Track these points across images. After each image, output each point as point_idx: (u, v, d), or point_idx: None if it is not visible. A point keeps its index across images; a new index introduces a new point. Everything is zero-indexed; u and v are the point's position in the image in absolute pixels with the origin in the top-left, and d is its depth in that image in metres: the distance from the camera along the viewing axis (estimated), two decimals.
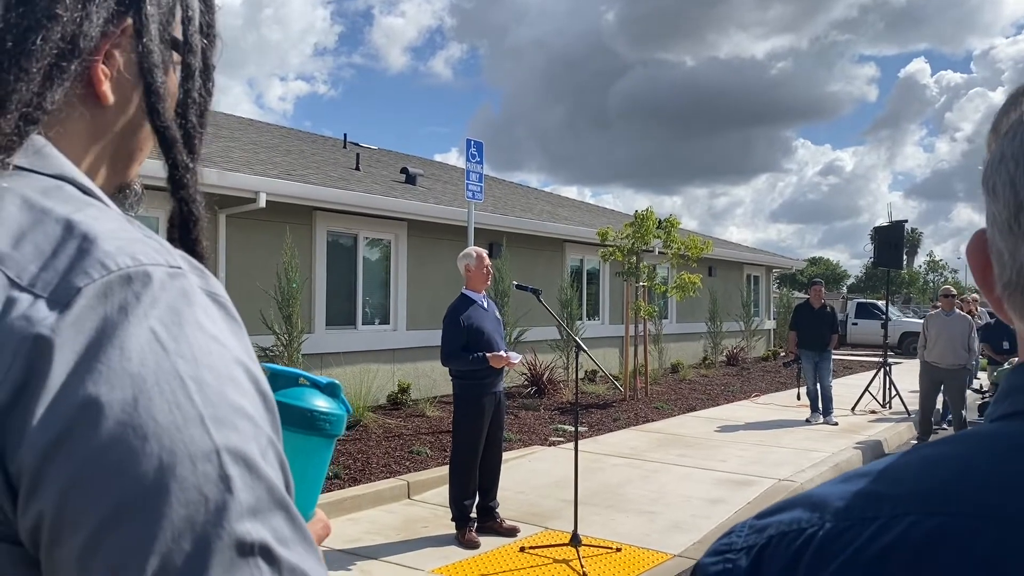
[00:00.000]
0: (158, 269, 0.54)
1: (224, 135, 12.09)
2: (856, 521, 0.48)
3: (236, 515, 0.49)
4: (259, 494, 0.51)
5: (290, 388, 1.02)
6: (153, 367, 0.50)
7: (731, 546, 0.54)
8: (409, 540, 5.27)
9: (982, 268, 0.57)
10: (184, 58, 0.71)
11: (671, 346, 15.91)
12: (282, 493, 0.53)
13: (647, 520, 5.73)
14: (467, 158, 9.05)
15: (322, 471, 1.04)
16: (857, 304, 27.62)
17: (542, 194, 20.96)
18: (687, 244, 12.11)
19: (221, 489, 0.49)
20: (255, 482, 0.51)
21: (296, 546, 0.52)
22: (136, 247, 0.55)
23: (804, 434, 9.27)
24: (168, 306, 0.53)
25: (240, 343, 0.57)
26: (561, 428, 8.91)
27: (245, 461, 0.51)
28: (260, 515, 0.51)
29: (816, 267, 63.96)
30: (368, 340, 10.34)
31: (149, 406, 0.49)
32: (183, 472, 0.48)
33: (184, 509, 0.48)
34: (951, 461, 0.50)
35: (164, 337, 0.52)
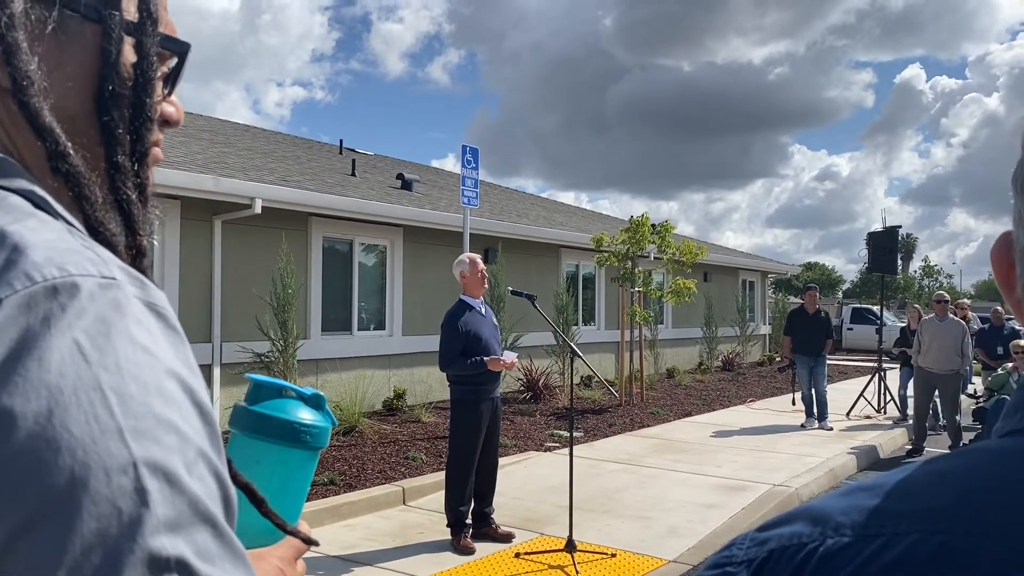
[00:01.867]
0: (88, 280, 0.53)
1: (220, 141, 12.10)
2: (859, 537, 0.48)
3: (151, 529, 0.48)
4: (180, 508, 0.49)
5: (274, 400, 1.01)
6: (72, 379, 0.49)
7: (731, 559, 0.53)
8: (405, 546, 5.27)
9: (1006, 269, 0.56)
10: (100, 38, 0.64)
11: (667, 351, 15.93)
12: (207, 507, 0.51)
13: (643, 526, 5.74)
14: (462, 164, 9.06)
15: (306, 482, 1.03)
16: (852, 309, 27.69)
17: (538, 200, 20.98)
18: (682, 250, 12.13)
19: (136, 503, 0.48)
20: (176, 496, 0.49)
21: (223, 562, 0.51)
22: (68, 258, 0.53)
23: (799, 439, 9.29)
24: (96, 317, 0.52)
25: (177, 354, 0.55)
26: (557, 433, 8.92)
27: (166, 474, 0.49)
28: (180, 530, 0.49)
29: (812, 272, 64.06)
30: (364, 346, 10.34)
31: (64, 418, 0.48)
32: (96, 485, 0.47)
33: (96, 523, 0.46)
34: (957, 478, 0.49)
35: (88, 348, 0.50)
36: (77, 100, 0.65)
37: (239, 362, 8.51)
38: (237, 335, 8.75)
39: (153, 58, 0.67)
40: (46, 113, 0.61)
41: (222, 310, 8.68)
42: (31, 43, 0.61)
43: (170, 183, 7.75)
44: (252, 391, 1.02)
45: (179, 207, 8.33)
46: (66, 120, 0.63)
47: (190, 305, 8.44)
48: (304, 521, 1.00)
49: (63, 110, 0.63)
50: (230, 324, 8.75)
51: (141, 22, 0.67)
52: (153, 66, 0.67)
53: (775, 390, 13.82)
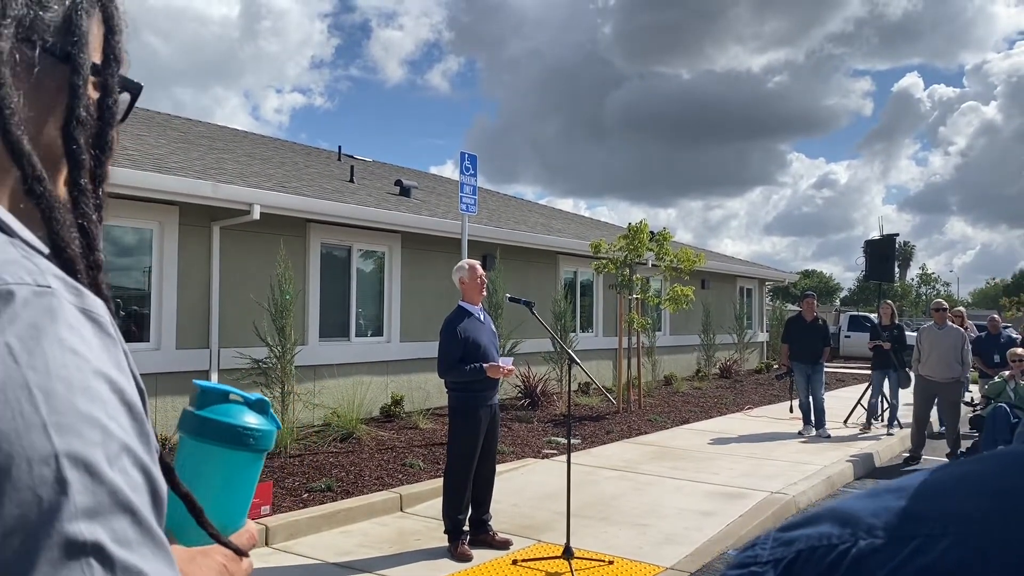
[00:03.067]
0: (23, 288, 0.57)
1: (218, 147, 12.11)
2: (891, 539, 0.47)
3: (68, 516, 0.51)
4: (100, 498, 0.53)
5: (219, 404, 1.05)
6: (1, 378, 0.53)
7: (756, 559, 0.52)
8: (402, 553, 5.26)
9: None
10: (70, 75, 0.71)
11: (664, 358, 15.93)
12: (127, 497, 0.55)
13: (640, 532, 5.73)
14: (461, 171, 9.08)
15: (251, 484, 1.08)
16: (850, 317, 27.74)
17: (536, 206, 21.01)
18: (680, 257, 12.15)
19: (56, 491, 0.51)
20: (96, 486, 0.53)
21: (141, 548, 0.54)
22: (5, 268, 0.58)
23: (797, 447, 9.29)
24: (28, 322, 0.55)
25: (109, 357, 0.59)
26: (554, 440, 8.91)
27: (86, 466, 0.53)
28: (99, 517, 0.52)
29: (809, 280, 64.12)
30: (361, 352, 10.33)
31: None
32: (18, 474, 0.51)
33: (17, 508, 0.50)
34: (989, 482, 0.49)
35: (18, 350, 0.54)
36: (48, 130, 0.71)
37: (237, 368, 8.50)
38: (235, 341, 8.75)
39: (115, 94, 0.75)
40: (25, 142, 0.67)
41: (220, 316, 8.68)
42: (15, 79, 0.67)
43: (168, 189, 7.76)
44: (199, 396, 1.08)
45: (177, 213, 8.34)
46: (39, 148, 0.69)
47: (188, 311, 8.44)
48: (250, 521, 1.03)
49: (37, 139, 0.69)
50: (228, 330, 8.75)
51: (105, 62, 0.75)
52: (116, 101, 0.75)
53: (773, 397, 13.82)
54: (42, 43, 0.69)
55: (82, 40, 0.71)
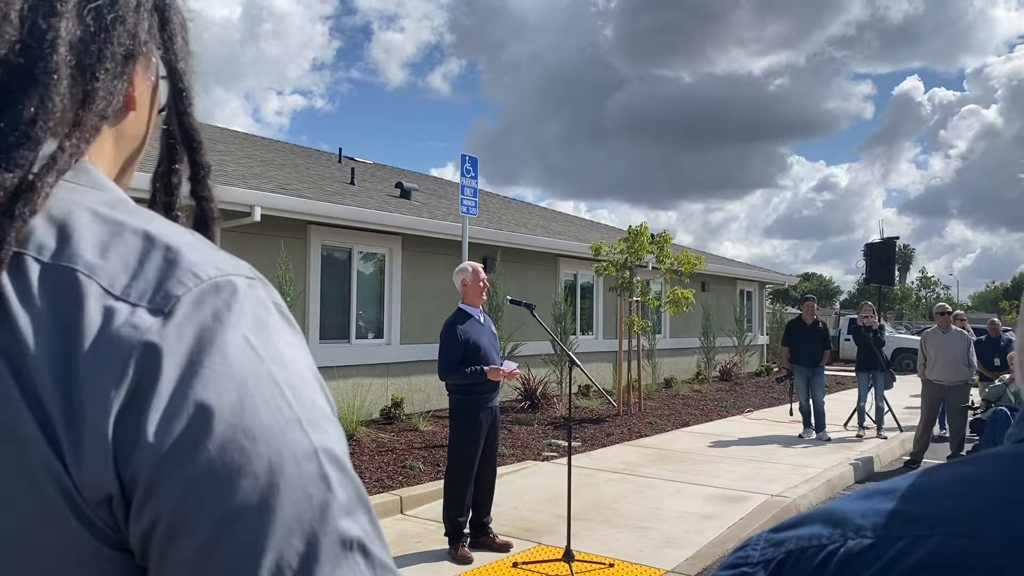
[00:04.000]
0: (239, 279, 0.57)
1: (219, 149, 12.12)
2: (880, 539, 0.48)
3: (337, 512, 0.52)
4: (351, 493, 0.53)
5: None
6: (252, 372, 0.52)
7: (747, 559, 0.53)
8: (402, 556, 5.25)
9: None
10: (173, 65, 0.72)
11: (664, 361, 15.93)
12: (364, 492, 0.55)
13: (640, 535, 5.73)
14: (462, 173, 9.08)
15: None
16: (850, 320, 27.70)
17: (536, 209, 21.02)
18: (680, 259, 12.15)
19: (323, 488, 0.52)
20: (347, 481, 0.53)
21: (380, 546, 0.54)
22: (215, 258, 0.58)
23: (797, 450, 9.29)
24: (253, 314, 0.55)
25: (306, 351, 0.59)
26: (554, 443, 8.91)
27: (337, 461, 0.53)
28: (353, 513, 0.53)
29: (809, 283, 64.13)
30: (362, 354, 10.33)
31: (255, 409, 0.51)
32: (290, 472, 0.50)
33: (294, 507, 0.50)
34: (977, 483, 0.49)
35: (256, 344, 0.54)
36: None
37: None
38: None
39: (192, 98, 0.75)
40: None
41: None
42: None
43: None
44: None
45: None
46: None
47: None
48: None
49: None
50: None
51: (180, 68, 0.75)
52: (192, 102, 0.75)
53: (773, 400, 13.82)
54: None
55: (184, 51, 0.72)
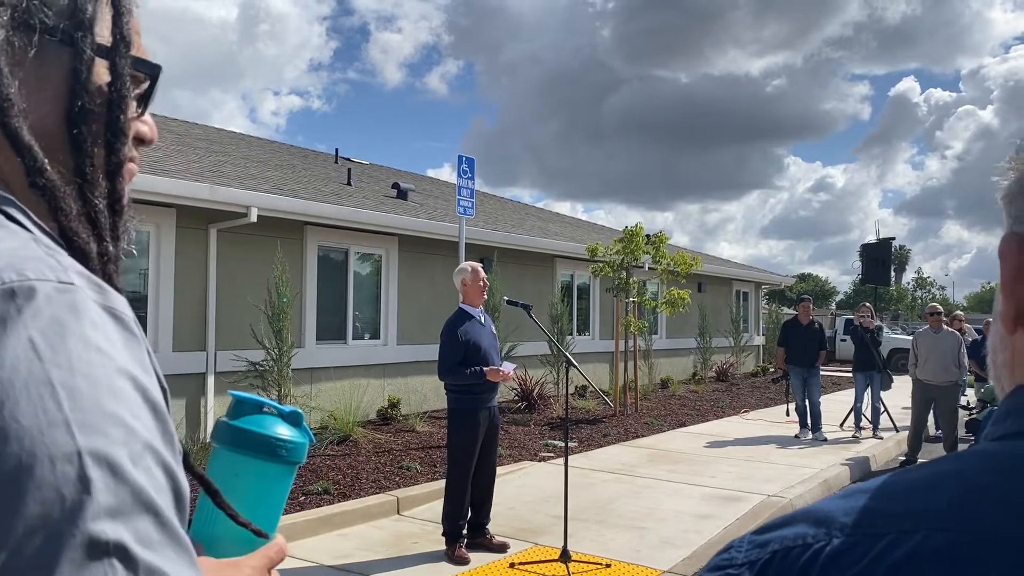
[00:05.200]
0: (45, 284, 0.56)
1: (215, 150, 12.11)
2: (865, 536, 0.48)
3: (92, 515, 0.50)
4: (122, 497, 0.52)
5: (254, 415, 1.06)
6: (24, 374, 0.52)
7: (731, 561, 0.53)
8: (399, 556, 5.26)
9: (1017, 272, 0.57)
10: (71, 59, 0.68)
11: (661, 361, 15.95)
12: (151, 497, 0.54)
13: (637, 536, 5.74)
14: (458, 174, 9.09)
15: (282, 496, 1.08)
16: (846, 321, 27.76)
17: (533, 209, 21.03)
18: (676, 260, 12.17)
19: (79, 489, 0.51)
20: (118, 485, 0.52)
21: (163, 549, 0.53)
22: (27, 264, 0.57)
23: (793, 450, 9.31)
24: (51, 318, 0.55)
25: (132, 356, 0.59)
26: (551, 443, 8.91)
27: (110, 465, 0.52)
28: (121, 516, 0.52)
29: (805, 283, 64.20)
30: (358, 355, 10.33)
31: (14, 410, 0.51)
32: (41, 472, 0.50)
33: (40, 507, 0.49)
34: (957, 479, 0.50)
35: (42, 347, 0.53)
36: (52, 118, 0.68)
37: (233, 371, 8.50)
38: (232, 344, 8.74)
39: (125, 78, 0.72)
40: (25, 132, 0.65)
41: (217, 319, 8.67)
42: (12, 67, 0.65)
43: (166, 192, 7.75)
44: (234, 407, 1.08)
45: (175, 216, 8.33)
46: (43, 137, 0.67)
47: (185, 313, 8.43)
48: (280, 535, 1.03)
49: (39, 128, 0.67)
50: (225, 333, 8.74)
51: (115, 44, 0.71)
52: (126, 85, 0.72)
53: (769, 401, 13.84)
54: (43, 27, 0.67)
55: (85, 23, 0.69)
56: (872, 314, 10.71)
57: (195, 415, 8.41)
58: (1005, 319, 0.59)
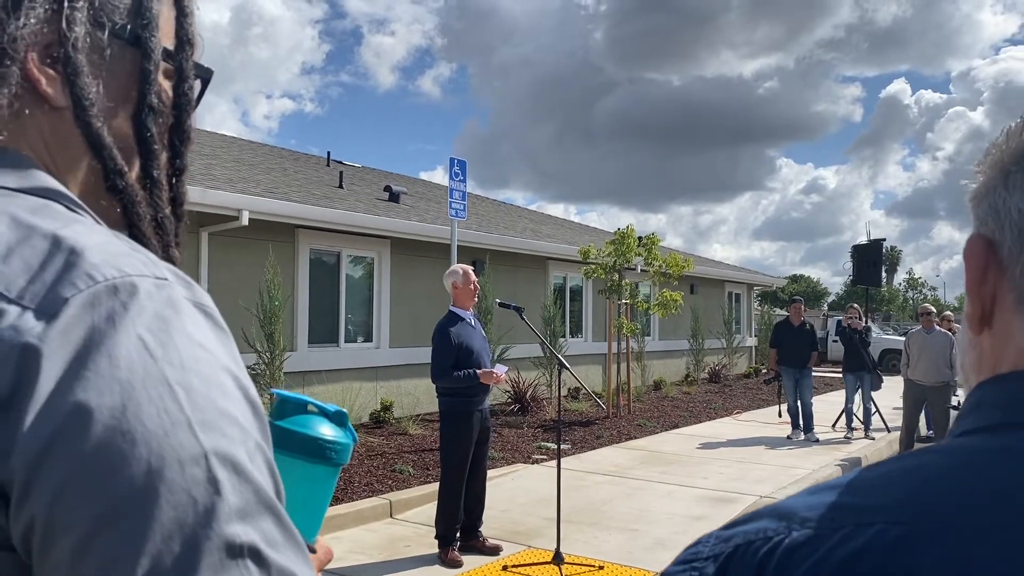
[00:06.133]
0: (144, 280, 0.55)
1: (207, 153, 12.08)
2: (823, 530, 0.50)
3: (225, 517, 0.50)
4: (247, 497, 0.52)
5: (298, 416, 1.03)
6: (141, 373, 0.51)
7: (698, 555, 0.55)
8: (392, 560, 5.25)
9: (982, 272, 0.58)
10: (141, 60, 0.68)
11: (654, 363, 15.96)
12: (271, 496, 0.54)
13: (630, 538, 5.74)
14: (450, 176, 9.09)
15: (327, 498, 1.04)
16: (837, 322, 27.84)
17: (525, 212, 21.04)
18: (668, 262, 12.19)
19: (209, 492, 0.50)
20: (243, 485, 0.52)
21: (286, 550, 0.53)
22: (122, 259, 0.56)
23: (785, 451, 9.33)
24: (155, 315, 0.54)
25: (227, 351, 0.58)
26: (544, 446, 8.91)
27: (233, 464, 0.52)
28: (249, 518, 0.51)
29: (797, 285, 64.40)
30: (351, 358, 10.31)
31: (138, 411, 0.50)
32: (172, 475, 0.49)
33: (173, 511, 0.49)
34: (918, 473, 0.52)
35: (152, 344, 0.53)
36: (121, 120, 0.68)
37: None
38: None
39: (190, 80, 0.72)
40: (105, 133, 0.64)
41: None
42: (91, 66, 0.64)
43: None
44: (277, 406, 1.04)
45: None
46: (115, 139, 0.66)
47: None
48: (322, 536, 1.01)
49: (111, 129, 0.66)
50: None
51: (180, 46, 0.71)
52: (191, 87, 0.72)
53: (761, 402, 13.87)
54: (111, 26, 0.66)
55: (153, 23, 0.68)
56: (860, 315, 10.75)
57: None
58: (971, 320, 0.60)
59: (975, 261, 0.59)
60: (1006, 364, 0.57)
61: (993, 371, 0.58)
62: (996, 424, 0.53)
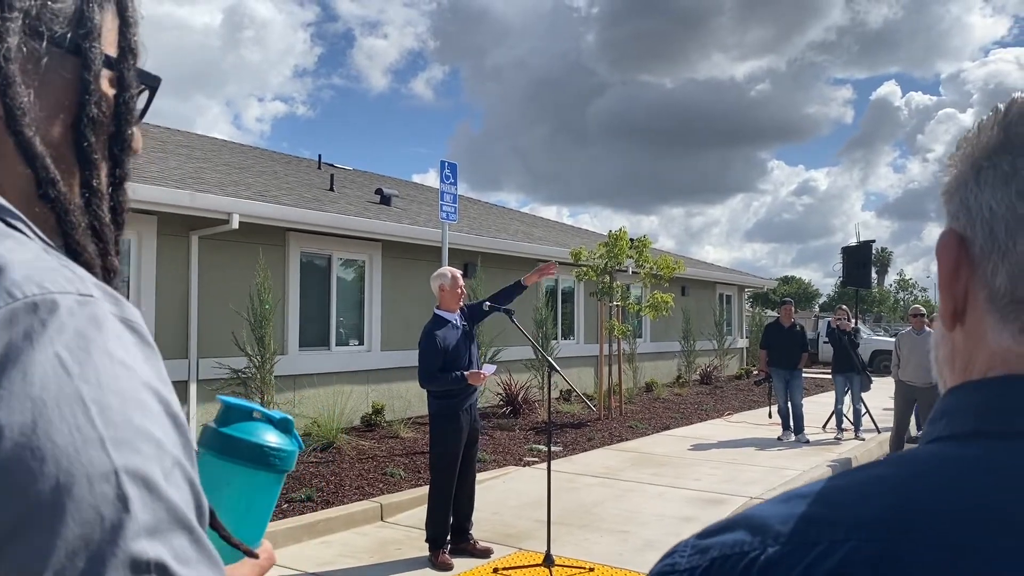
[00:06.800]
0: (67, 297, 0.55)
1: (197, 156, 12.06)
2: (798, 545, 0.49)
3: (132, 534, 0.50)
4: (159, 514, 0.52)
5: (243, 422, 1.02)
6: (55, 391, 0.51)
7: (674, 567, 0.54)
8: (382, 563, 5.24)
9: (953, 271, 0.58)
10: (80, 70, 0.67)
11: (645, 365, 15.98)
12: (184, 514, 0.54)
13: (620, 539, 5.75)
14: (441, 179, 9.09)
15: (270, 505, 1.04)
16: (827, 323, 27.93)
17: (517, 214, 21.05)
18: (659, 264, 12.22)
19: (118, 509, 0.50)
20: (155, 502, 0.52)
21: (199, 566, 0.53)
22: (46, 275, 0.55)
23: (776, 452, 9.36)
24: (75, 332, 0.54)
25: (152, 368, 0.58)
26: (536, 448, 8.92)
27: (145, 482, 0.52)
28: (159, 534, 0.51)
29: (788, 286, 64.56)
30: (342, 361, 10.30)
31: (48, 429, 0.50)
32: (80, 492, 0.49)
33: (80, 528, 0.49)
34: (890, 485, 0.51)
35: (69, 362, 0.52)
36: (58, 129, 0.67)
37: (216, 378, 8.45)
38: (214, 351, 8.69)
39: (132, 89, 0.71)
40: (37, 142, 0.64)
41: (199, 326, 8.63)
42: (24, 76, 0.64)
43: (146, 199, 7.71)
44: (222, 413, 1.04)
45: (155, 223, 8.29)
46: (49, 148, 0.65)
47: (166, 321, 8.38)
48: (267, 541, 1.01)
49: (46, 138, 0.66)
50: (207, 340, 8.70)
51: (121, 55, 0.71)
52: (133, 97, 0.71)
53: (752, 403, 13.91)
54: (50, 35, 0.65)
55: (94, 32, 0.67)
56: (849, 316, 10.80)
57: None
58: (944, 316, 0.59)
59: (946, 258, 0.58)
60: (978, 366, 0.56)
61: (965, 370, 0.57)
62: (968, 432, 0.53)
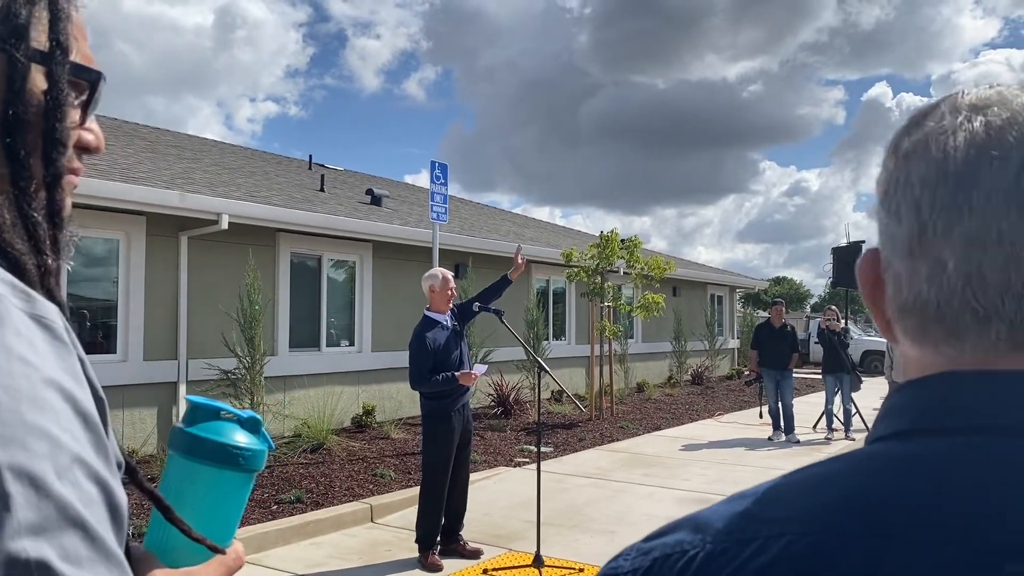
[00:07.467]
0: None
1: (187, 156, 12.02)
2: (735, 542, 0.50)
3: (11, 533, 0.49)
4: (45, 512, 0.51)
5: (210, 422, 1.02)
6: None
7: (618, 569, 0.55)
8: (372, 564, 5.23)
9: (873, 287, 0.58)
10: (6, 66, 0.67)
11: (637, 365, 16.01)
12: (78, 512, 0.53)
13: (610, 540, 5.75)
14: (432, 179, 9.08)
15: (240, 505, 1.04)
16: (817, 323, 28.01)
17: (508, 215, 21.05)
18: (650, 264, 12.24)
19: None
20: (41, 501, 0.51)
21: (93, 564, 0.52)
22: None
23: (766, 452, 9.38)
24: None
25: (62, 365, 0.57)
26: (527, 448, 8.91)
27: (31, 479, 0.51)
28: (45, 533, 0.51)
29: (780, 287, 64.72)
30: (332, 362, 10.27)
31: None
32: None
33: None
34: (828, 482, 0.52)
35: None
36: None
37: (206, 379, 8.42)
38: (203, 352, 8.66)
39: (63, 85, 0.69)
40: None
41: (188, 327, 8.59)
42: None
43: (135, 199, 7.68)
44: (189, 412, 1.04)
45: (145, 223, 8.25)
46: None
47: (156, 322, 8.34)
48: (239, 543, 1.01)
49: None
50: (196, 341, 8.66)
51: (51, 51, 0.69)
52: (63, 93, 0.69)
53: (743, 403, 13.94)
54: None
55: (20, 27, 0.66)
56: (838, 317, 10.84)
57: (167, 425, 8.32)
58: (883, 332, 0.60)
59: (863, 275, 0.59)
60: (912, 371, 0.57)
61: (905, 371, 0.59)
62: (906, 430, 0.54)
